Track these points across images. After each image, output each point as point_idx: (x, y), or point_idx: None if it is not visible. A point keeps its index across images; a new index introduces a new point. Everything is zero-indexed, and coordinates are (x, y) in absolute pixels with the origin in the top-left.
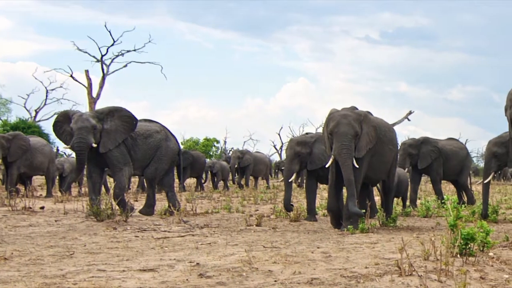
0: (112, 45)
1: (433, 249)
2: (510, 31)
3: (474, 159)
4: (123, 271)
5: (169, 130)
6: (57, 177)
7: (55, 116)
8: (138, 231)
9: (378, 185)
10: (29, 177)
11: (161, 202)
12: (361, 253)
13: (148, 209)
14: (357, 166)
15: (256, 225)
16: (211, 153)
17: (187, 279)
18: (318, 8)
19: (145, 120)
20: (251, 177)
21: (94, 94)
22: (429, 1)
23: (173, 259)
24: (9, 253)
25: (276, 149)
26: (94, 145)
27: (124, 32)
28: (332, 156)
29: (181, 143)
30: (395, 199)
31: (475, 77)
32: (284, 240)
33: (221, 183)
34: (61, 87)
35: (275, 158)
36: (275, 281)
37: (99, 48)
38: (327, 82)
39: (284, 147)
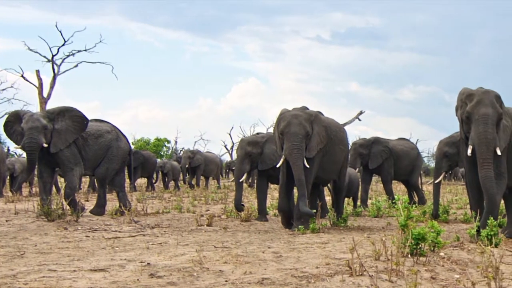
0: (63, 45)
1: (384, 249)
2: (462, 31)
3: (425, 159)
4: (74, 271)
5: (120, 130)
6: (8, 177)
7: (6, 116)
8: (89, 231)
9: (329, 185)
10: None
11: (112, 202)
12: (312, 253)
13: (99, 209)
14: (308, 166)
15: (207, 225)
16: (162, 153)
17: (138, 279)
18: (268, 8)
19: (96, 120)
20: (202, 177)
21: (45, 94)
22: (380, 1)
23: (124, 259)
24: None
25: (227, 149)
26: (45, 145)
27: (75, 32)
28: (283, 156)
29: (132, 143)
30: (346, 199)
31: (426, 77)
32: (235, 240)
33: (172, 183)
34: (11, 87)
35: (226, 158)
36: (226, 281)
37: (50, 48)
38: (278, 82)
39: (235, 147)
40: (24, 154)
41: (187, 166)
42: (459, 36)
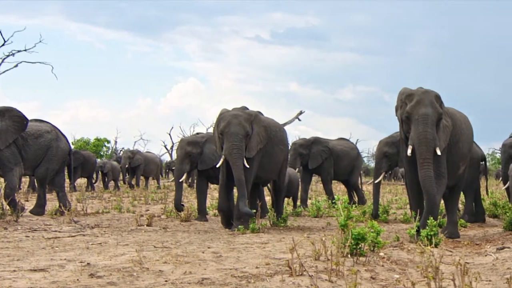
0: (3, 45)
1: (323, 249)
2: (401, 31)
3: (365, 159)
4: (14, 271)
5: (60, 130)
6: None
7: None
8: (29, 231)
9: (268, 185)
10: None
11: (52, 202)
12: (252, 253)
13: (39, 209)
14: (248, 166)
15: (147, 225)
16: (101, 153)
17: (77, 279)
18: (208, 8)
19: (36, 120)
20: (141, 177)
21: None
22: (320, 1)
23: (64, 259)
24: None
25: (166, 149)
26: None
27: (14, 32)
28: (223, 156)
29: (72, 143)
30: (286, 199)
31: (366, 77)
32: (175, 240)
33: (111, 183)
34: None
35: (166, 158)
36: (166, 281)
37: None
38: (218, 82)
39: (175, 147)
40: None
41: (127, 166)
42: (398, 36)
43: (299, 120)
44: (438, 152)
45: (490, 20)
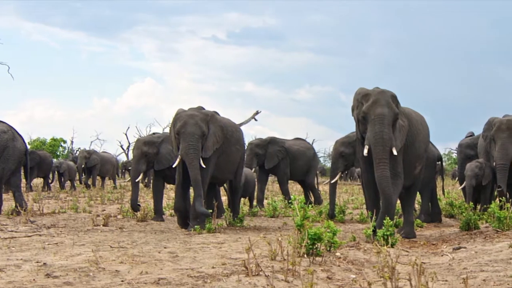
0: None
1: (280, 249)
2: (358, 31)
3: (321, 159)
4: None
5: (16, 130)
6: None
7: None
8: None
9: (225, 185)
10: None
11: (8, 202)
12: (208, 253)
13: None
14: (204, 166)
15: (103, 225)
16: (58, 153)
17: (34, 279)
18: (164, 8)
19: None
20: (98, 177)
21: None
22: (277, 1)
23: (20, 259)
24: None
25: (123, 149)
26: None
27: None
28: (179, 156)
29: (28, 143)
30: (242, 199)
31: (323, 77)
32: (131, 240)
33: (68, 183)
34: None
35: (122, 158)
36: (122, 281)
37: None
38: (174, 82)
39: (131, 147)
40: None
41: (83, 166)
42: (355, 36)
43: (256, 120)
44: (395, 152)
45: (446, 20)
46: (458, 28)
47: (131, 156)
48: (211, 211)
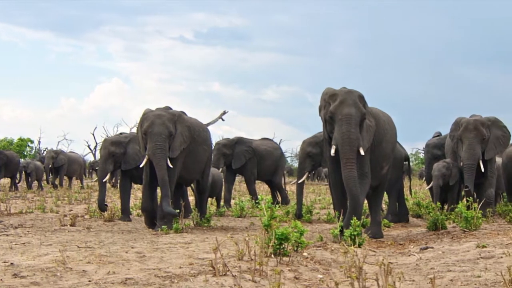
0: None
1: (247, 249)
2: (324, 32)
3: (288, 159)
4: None
5: None
6: None
7: None
8: None
9: (192, 185)
10: None
11: None
12: (175, 253)
13: None
14: (171, 166)
15: (70, 225)
16: (25, 153)
17: (1, 279)
18: (131, 8)
19: None
20: (65, 177)
21: None
22: (243, 1)
23: None
24: None
25: (90, 149)
26: None
27: None
28: (147, 156)
29: None
30: (209, 199)
31: (289, 77)
32: (98, 240)
33: (35, 183)
34: None
35: (90, 158)
36: (89, 281)
37: None
38: (141, 82)
39: (98, 147)
40: None
41: (50, 166)
42: (322, 36)
43: (223, 120)
44: (362, 152)
45: (413, 20)
46: (424, 28)
47: (98, 156)
48: (178, 211)
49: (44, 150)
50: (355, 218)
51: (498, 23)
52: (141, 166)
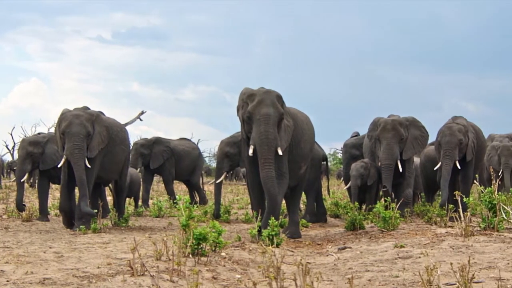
0: None
1: (165, 249)
2: (242, 32)
3: (207, 159)
4: None
5: None
6: None
7: None
8: None
9: (110, 185)
10: None
11: None
12: (94, 253)
13: None
14: (89, 166)
15: None
16: None
17: None
18: (49, 8)
19: None
20: None
21: None
22: (162, 2)
23: None
24: None
25: (8, 149)
26: None
27: None
28: (65, 156)
29: None
30: (128, 199)
31: (208, 77)
32: (16, 240)
33: None
34: None
35: (7, 158)
36: (8, 281)
37: None
38: (59, 82)
39: (16, 147)
40: None
41: None
42: (240, 36)
43: (141, 120)
44: (280, 152)
45: (331, 21)
46: (343, 28)
47: (16, 156)
48: (96, 211)
49: None
50: (273, 218)
51: (415, 24)
52: (59, 166)
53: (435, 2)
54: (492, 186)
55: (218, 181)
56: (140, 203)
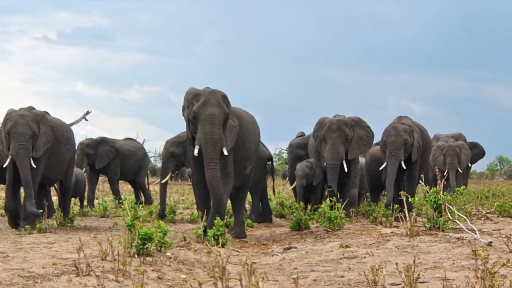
0: None
1: (110, 249)
2: (187, 32)
3: (152, 159)
4: None
5: None
6: None
7: None
8: None
9: (55, 185)
10: None
11: None
12: (39, 253)
13: None
14: (35, 166)
15: None
16: None
17: None
18: None
19: None
20: None
21: None
22: (107, 1)
23: None
24: None
25: None
26: None
27: None
28: (10, 156)
29: None
30: (73, 199)
31: (153, 77)
32: None
33: None
34: None
35: None
36: None
37: None
38: (4, 82)
39: None
40: None
41: None
42: (184, 36)
43: (86, 120)
44: (225, 152)
45: (275, 21)
46: (287, 28)
47: None
48: (41, 211)
49: None
50: (218, 218)
51: (360, 24)
52: (4, 166)
53: (380, 2)
54: (437, 186)
55: (163, 181)
56: (85, 203)
